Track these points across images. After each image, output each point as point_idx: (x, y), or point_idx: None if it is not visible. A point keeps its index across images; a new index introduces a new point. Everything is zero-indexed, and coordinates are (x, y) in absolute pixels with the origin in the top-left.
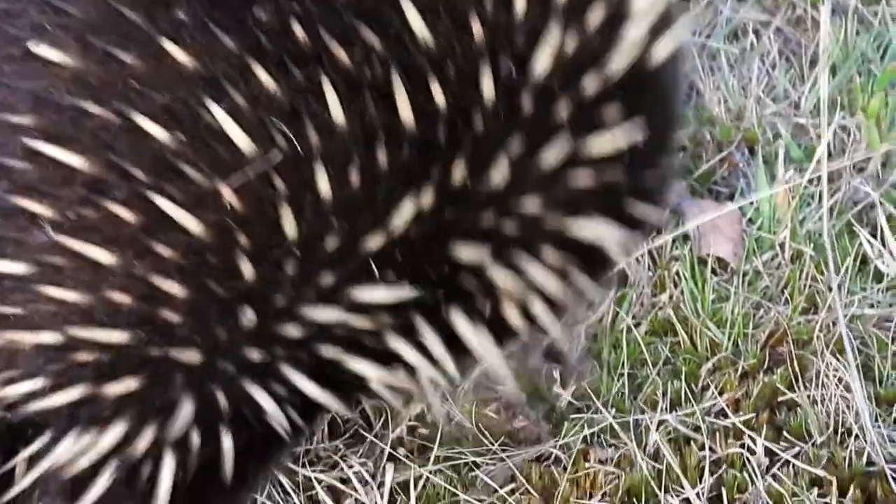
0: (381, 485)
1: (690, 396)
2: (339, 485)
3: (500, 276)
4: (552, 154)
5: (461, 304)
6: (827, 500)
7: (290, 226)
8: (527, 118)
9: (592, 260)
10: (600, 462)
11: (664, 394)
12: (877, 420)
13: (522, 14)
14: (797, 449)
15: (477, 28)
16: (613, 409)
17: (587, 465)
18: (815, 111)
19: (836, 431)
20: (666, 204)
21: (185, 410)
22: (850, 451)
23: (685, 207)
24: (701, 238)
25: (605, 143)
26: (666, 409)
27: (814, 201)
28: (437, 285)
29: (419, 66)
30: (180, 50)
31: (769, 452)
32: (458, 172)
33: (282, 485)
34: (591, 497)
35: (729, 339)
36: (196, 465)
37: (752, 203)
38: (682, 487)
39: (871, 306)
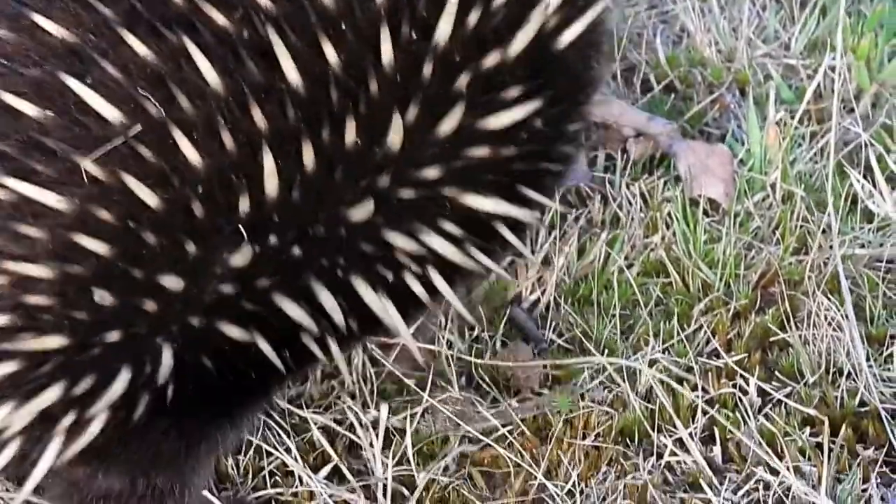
0: (375, 424)
1: (683, 337)
2: (333, 425)
3: (398, 241)
4: (448, 123)
5: (362, 269)
6: (819, 439)
7: (150, 197)
8: (425, 85)
9: (487, 233)
10: (594, 403)
11: (656, 335)
12: (868, 359)
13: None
14: (789, 389)
15: None
16: (606, 351)
17: (581, 404)
18: (806, 52)
19: (827, 371)
20: (558, 187)
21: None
22: (842, 390)
23: (677, 149)
24: (692, 179)
25: (502, 118)
26: (658, 349)
27: (804, 142)
28: (335, 250)
29: (312, 26)
30: (51, 22)
31: (761, 392)
32: (350, 135)
33: (278, 427)
34: (584, 437)
35: (721, 279)
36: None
37: (743, 144)
38: (675, 428)
39: (862, 246)
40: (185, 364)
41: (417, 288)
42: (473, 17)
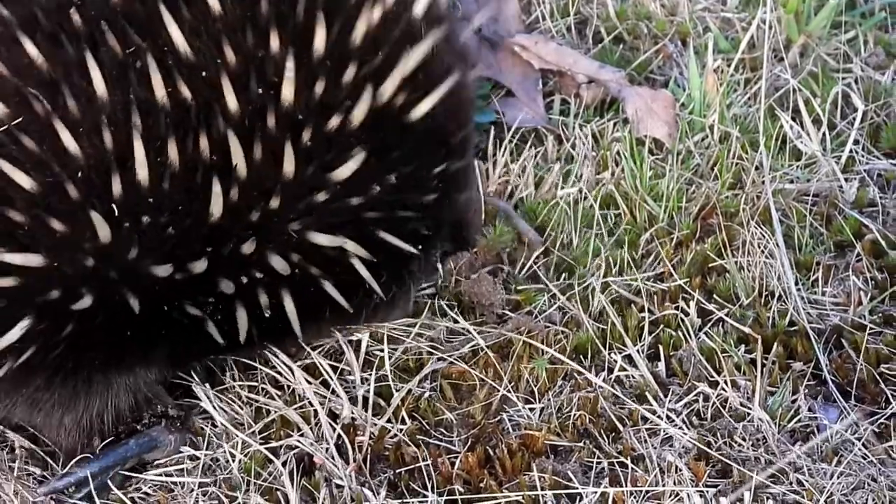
0: (356, 348)
1: (632, 263)
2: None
3: (246, 248)
4: (288, 167)
5: (224, 266)
6: (753, 355)
7: (25, 181)
8: (270, 133)
9: (340, 271)
10: (551, 324)
11: (608, 261)
12: (797, 284)
13: (276, 50)
14: (726, 310)
15: (230, 54)
16: (564, 275)
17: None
18: (741, 6)
19: (760, 294)
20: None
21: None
22: (774, 311)
23: (625, 94)
24: (639, 121)
25: (344, 171)
26: (610, 274)
27: (739, 87)
28: (201, 239)
29: (177, 66)
30: None
31: (701, 313)
32: (205, 149)
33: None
34: (542, 354)
35: (665, 211)
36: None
37: (684, 90)
38: (625, 345)
39: (791, 182)
40: (47, 330)
41: (263, 299)
42: (319, 87)
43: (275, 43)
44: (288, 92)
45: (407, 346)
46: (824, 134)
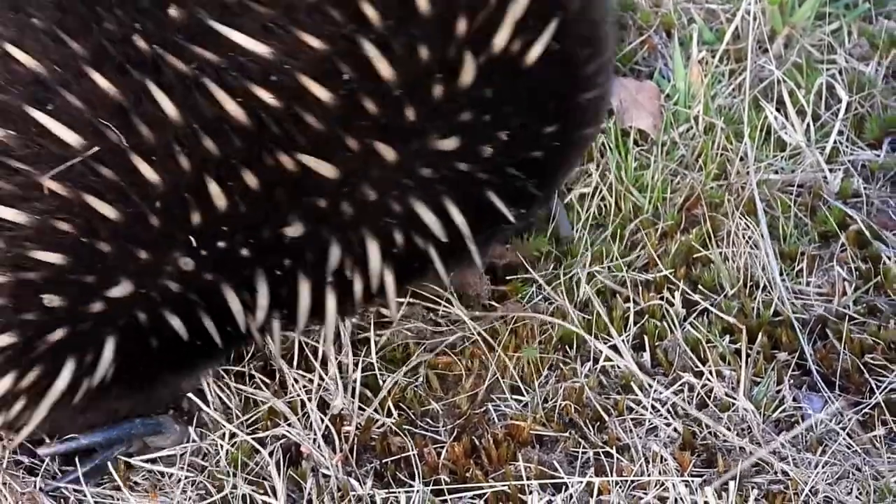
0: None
1: (617, 254)
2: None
3: (336, 250)
4: (388, 154)
5: (307, 272)
6: (738, 346)
7: (110, 211)
8: (369, 119)
9: (445, 242)
10: (536, 314)
11: (593, 251)
12: (781, 274)
13: (377, 20)
14: (711, 300)
15: (314, 42)
16: (552, 265)
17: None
18: None
19: (745, 285)
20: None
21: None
22: (758, 302)
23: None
24: (624, 112)
25: (451, 142)
26: (595, 265)
27: (724, 79)
28: (279, 252)
29: (251, 73)
30: (22, 53)
31: (686, 303)
32: (290, 163)
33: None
34: (530, 343)
35: (650, 202)
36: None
37: (669, 80)
38: (610, 336)
39: (776, 172)
40: (128, 348)
41: (357, 288)
42: (424, 53)
43: (370, 12)
44: (384, 67)
45: (393, 337)
46: (809, 125)
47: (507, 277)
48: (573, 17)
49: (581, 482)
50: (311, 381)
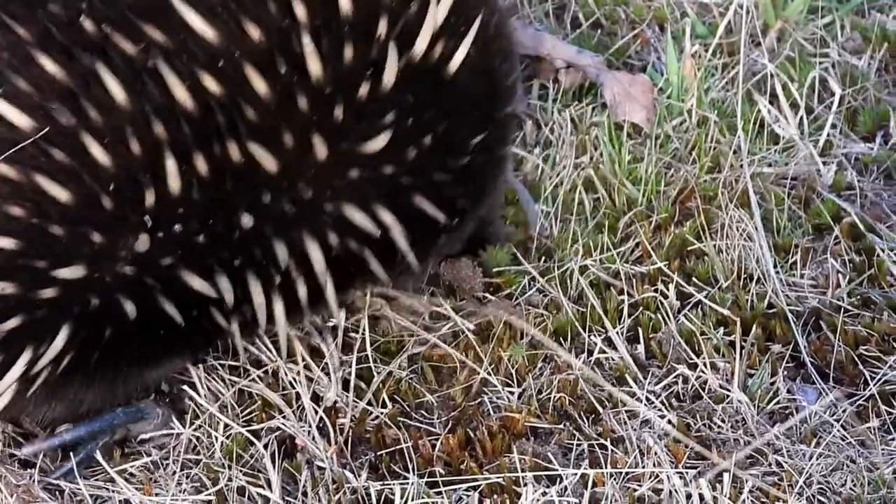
0: (334, 327)
1: (611, 246)
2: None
3: (280, 251)
4: (321, 150)
5: (254, 268)
6: (732, 338)
7: (62, 192)
8: (301, 116)
9: (378, 243)
10: (530, 306)
11: (587, 243)
12: (775, 266)
13: (304, 20)
14: (705, 293)
15: (255, 32)
16: (543, 258)
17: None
18: None
19: (739, 277)
20: (466, 200)
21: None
22: (752, 294)
23: (603, 79)
24: (617, 106)
25: (377, 142)
26: (589, 257)
27: (717, 72)
28: (230, 246)
29: (198, 58)
30: None
31: (680, 296)
32: (235, 152)
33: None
34: (522, 337)
35: (643, 195)
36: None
37: (662, 74)
38: (604, 328)
39: (769, 165)
40: (85, 337)
41: (301, 292)
42: (349, 53)
43: (300, 11)
44: (315, 65)
45: (387, 329)
46: (802, 118)
47: (500, 270)
48: (493, 32)
49: (575, 474)
50: (299, 373)
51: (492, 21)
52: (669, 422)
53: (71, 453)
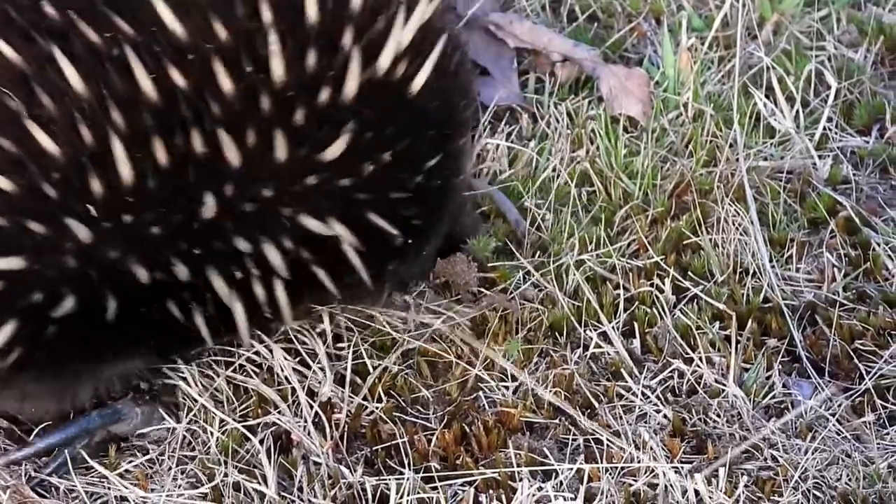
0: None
1: (606, 240)
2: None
3: (241, 245)
4: (280, 151)
5: (215, 263)
6: (727, 332)
7: (4, 182)
8: (263, 115)
9: (331, 257)
10: (525, 301)
11: (582, 238)
12: (771, 260)
13: (267, 21)
14: (701, 287)
15: (221, 31)
16: (538, 252)
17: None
18: None
19: (735, 271)
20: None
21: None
22: (748, 288)
23: (599, 72)
24: (613, 99)
25: (335, 149)
26: (585, 251)
27: (713, 65)
28: (190, 237)
29: (165, 51)
30: None
31: (676, 290)
32: (198, 144)
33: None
34: (517, 332)
35: (640, 189)
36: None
37: (658, 67)
38: (600, 322)
39: (765, 159)
40: (29, 333)
41: (259, 292)
42: (312, 59)
43: (266, 13)
44: (278, 67)
45: (382, 325)
46: (798, 111)
47: (495, 265)
48: (455, 65)
49: (571, 469)
50: (295, 370)
51: (455, 56)
52: (665, 416)
53: (38, 461)
